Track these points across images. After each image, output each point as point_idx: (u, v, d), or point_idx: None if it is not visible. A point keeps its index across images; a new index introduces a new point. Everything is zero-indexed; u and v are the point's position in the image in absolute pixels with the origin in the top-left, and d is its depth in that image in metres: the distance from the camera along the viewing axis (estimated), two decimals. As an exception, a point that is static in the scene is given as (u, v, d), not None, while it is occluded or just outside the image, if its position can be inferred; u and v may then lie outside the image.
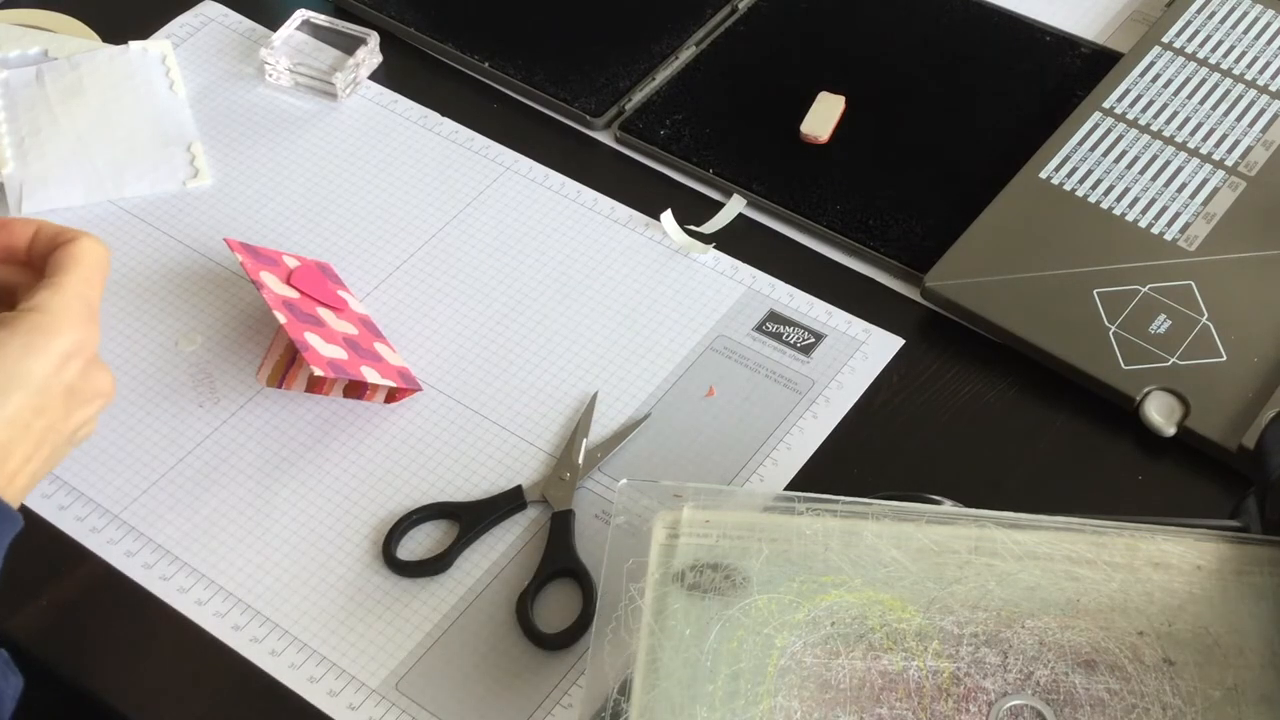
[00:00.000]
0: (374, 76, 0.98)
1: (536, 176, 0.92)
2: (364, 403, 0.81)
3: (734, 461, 0.78)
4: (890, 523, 0.64)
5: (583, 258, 0.88)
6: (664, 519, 0.65)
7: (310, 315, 0.80)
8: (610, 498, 0.77)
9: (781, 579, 0.63)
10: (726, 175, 0.91)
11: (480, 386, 0.82)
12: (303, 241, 0.89)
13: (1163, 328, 0.81)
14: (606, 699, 0.61)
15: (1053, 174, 0.88)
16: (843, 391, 0.81)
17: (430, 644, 0.72)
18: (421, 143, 0.94)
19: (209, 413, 0.81)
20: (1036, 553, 0.63)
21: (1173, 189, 0.87)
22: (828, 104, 0.94)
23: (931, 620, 0.62)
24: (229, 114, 0.96)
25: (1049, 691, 0.60)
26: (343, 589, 0.74)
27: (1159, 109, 0.92)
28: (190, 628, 0.73)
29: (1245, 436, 0.76)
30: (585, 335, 0.84)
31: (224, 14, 1.02)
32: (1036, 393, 0.81)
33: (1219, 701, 0.59)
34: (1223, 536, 0.65)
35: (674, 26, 1.00)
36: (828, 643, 0.61)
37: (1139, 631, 0.62)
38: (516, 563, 0.75)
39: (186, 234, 0.90)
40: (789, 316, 0.85)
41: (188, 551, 0.76)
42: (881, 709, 0.59)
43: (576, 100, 0.96)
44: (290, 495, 0.78)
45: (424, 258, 0.88)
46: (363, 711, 0.70)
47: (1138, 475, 0.78)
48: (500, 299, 0.86)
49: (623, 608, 0.63)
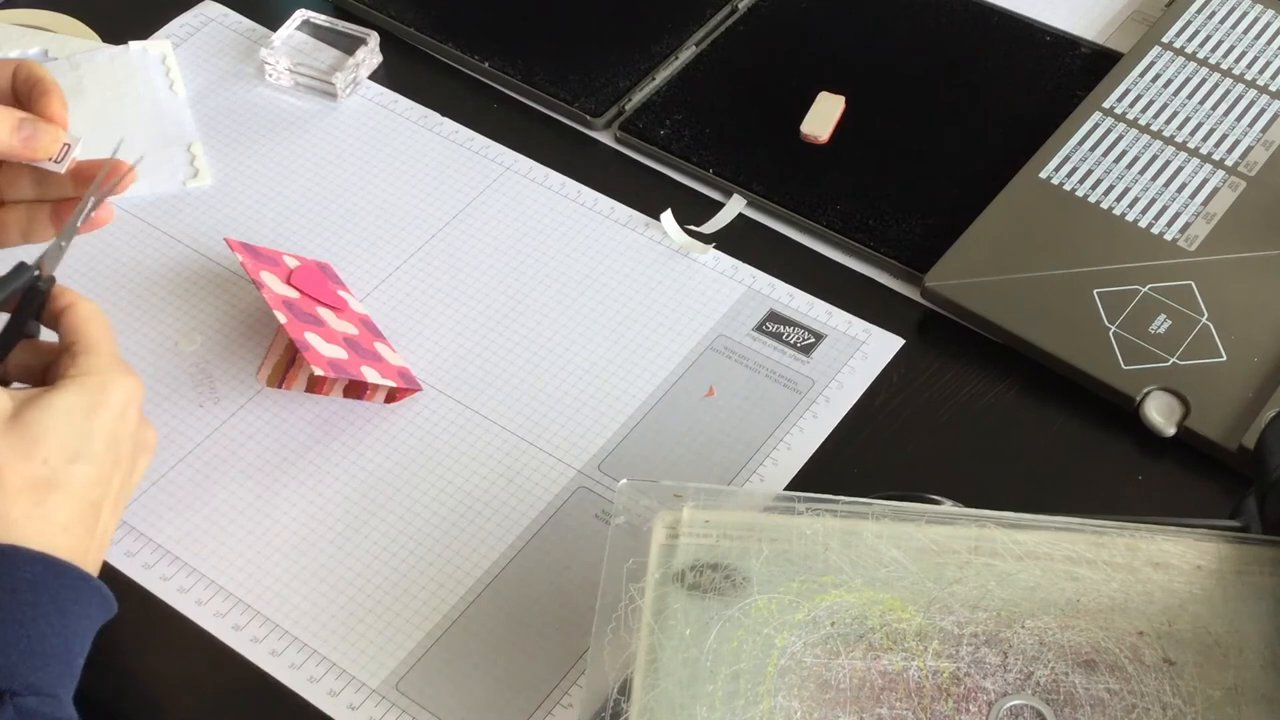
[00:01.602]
0: (374, 76, 0.98)
1: (536, 176, 0.92)
2: (364, 403, 0.81)
3: (734, 461, 0.78)
4: (890, 523, 0.64)
5: (583, 258, 0.88)
6: (664, 519, 0.65)
7: (310, 315, 0.80)
8: (610, 498, 0.77)
9: (781, 579, 0.63)
10: (726, 175, 0.91)
11: (480, 386, 0.82)
12: (303, 241, 0.89)
13: (1163, 328, 0.81)
14: (606, 699, 0.61)
15: (1053, 174, 0.88)
16: (843, 391, 0.81)
17: (430, 644, 0.72)
18: (421, 143, 0.94)
19: (209, 413, 0.81)
20: (1036, 553, 0.63)
21: (1173, 189, 0.87)
22: (828, 104, 0.94)
23: (931, 620, 0.62)
24: (229, 114, 0.96)
25: (1049, 691, 0.60)
26: (343, 589, 0.74)
27: (1159, 109, 0.92)
28: (190, 628, 0.73)
29: (1245, 436, 0.76)
30: (585, 335, 0.84)
31: (224, 14, 1.02)
32: (1036, 393, 0.81)
33: (1219, 701, 0.60)
34: (1223, 536, 0.65)
35: (674, 26, 1.00)
36: (828, 643, 0.61)
37: (1139, 631, 0.62)
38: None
39: (186, 234, 0.90)
40: (789, 316, 0.85)
41: (188, 551, 0.76)
42: (881, 709, 0.59)
43: (576, 100, 0.96)
44: (290, 495, 0.78)
45: (424, 258, 0.88)
46: (363, 711, 0.70)
47: (1138, 475, 0.78)
48: (500, 299, 0.86)
49: (623, 608, 0.63)
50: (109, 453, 0.63)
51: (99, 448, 0.62)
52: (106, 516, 0.63)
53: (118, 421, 0.63)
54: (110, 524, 0.64)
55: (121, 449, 0.64)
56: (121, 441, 0.64)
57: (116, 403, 0.63)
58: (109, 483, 0.63)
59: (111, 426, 0.63)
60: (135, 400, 0.65)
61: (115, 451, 0.63)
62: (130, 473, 0.65)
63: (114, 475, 0.63)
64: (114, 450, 0.63)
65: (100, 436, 0.62)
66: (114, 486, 0.63)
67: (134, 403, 0.65)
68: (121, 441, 0.64)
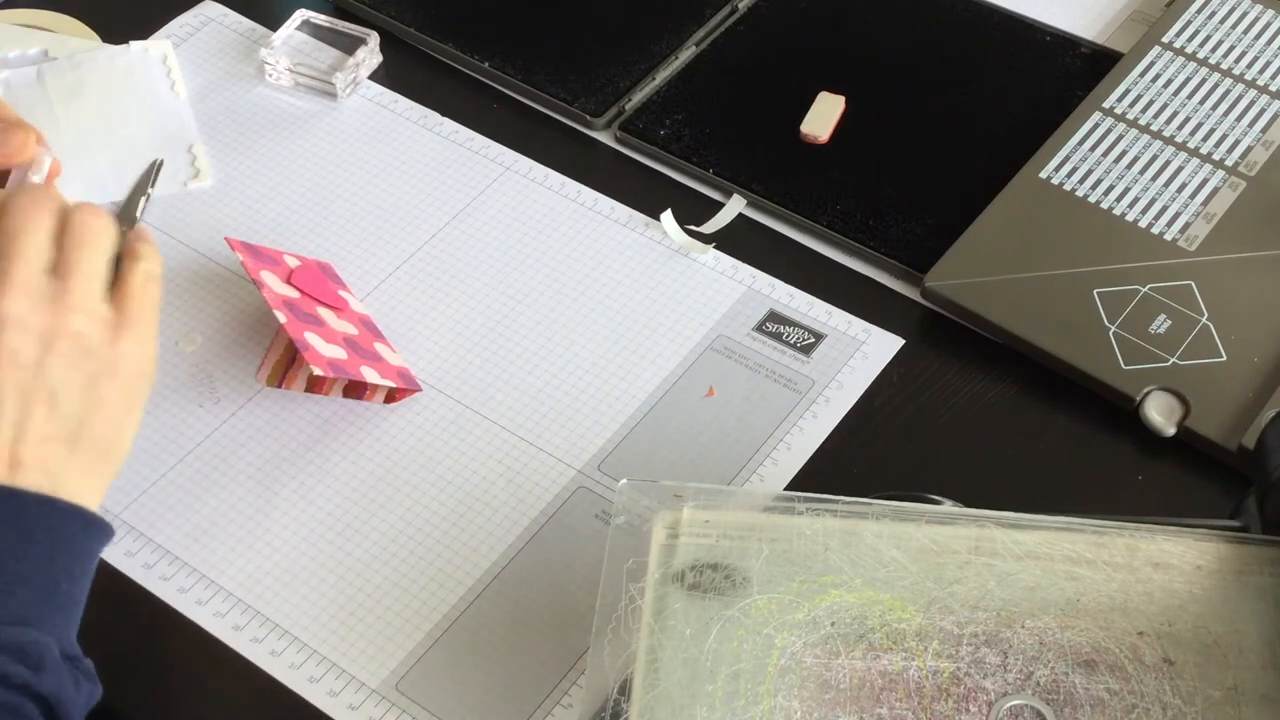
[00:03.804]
0: (374, 76, 0.98)
1: (536, 176, 0.92)
2: (364, 403, 0.81)
3: (734, 461, 0.78)
4: (890, 523, 0.64)
5: (583, 258, 0.88)
6: (664, 519, 0.65)
7: (310, 315, 0.80)
8: (610, 498, 0.77)
9: (781, 579, 0.63)
10: (726, 175, 0.91)
11: (480, 386, 0.82)
12: (303, 241, 0.89)
13: (1163, 328, 0.81)
14: (606, 699, 0.61)
15: (1053, 174, 0.88)
16: (843, 391, 0.81)
17: (430, 644, 0.72)
18: (421, 143, 0.94)
19: (209, 413, 0.81)
20: (1036, 553, 0.63)
21: (1173, 189, 0.87)
22: (828, 104, 0.94)
23: (931, 620, 0.62)
24: (229, 114, 0.96)
25: (1049, 691, 0.60)
26: (343, 589, 0.74)
27: (1159, 109, 0.92)
28: (191, 628, 0.73)
29: (1245, 436, 0.76)
30: (585, 335, 0.84)
31: (224, 14, 1.02)
32: (1036, 393, 0.81)
33: (1219, 701, 0.60)
34: (1223, 536, 0.65)
35: (674, 26, 1.00)
36: (828, 643, 0.61)
37: (1139, 631, 0.62)
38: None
39: (186, 234, 0.90)
40: (789, 316, 0.85)
41: (188, 551, 0.76)
42: (881, 709, 0.59)
43: (576, 100, 0.96)
44: (290, 495, 0.78)
45: (424, 258, 0.88)
46: (363, 711, 0.70)
47: (1138, 475, 0.78)
48: (500, 299, 0.86)
49: (623, 608, 0.63)
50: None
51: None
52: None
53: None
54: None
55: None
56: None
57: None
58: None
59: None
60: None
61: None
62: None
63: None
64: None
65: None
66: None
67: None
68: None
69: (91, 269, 0.66)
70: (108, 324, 0.66)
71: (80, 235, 0.66)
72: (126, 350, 0.66)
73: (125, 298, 0.67)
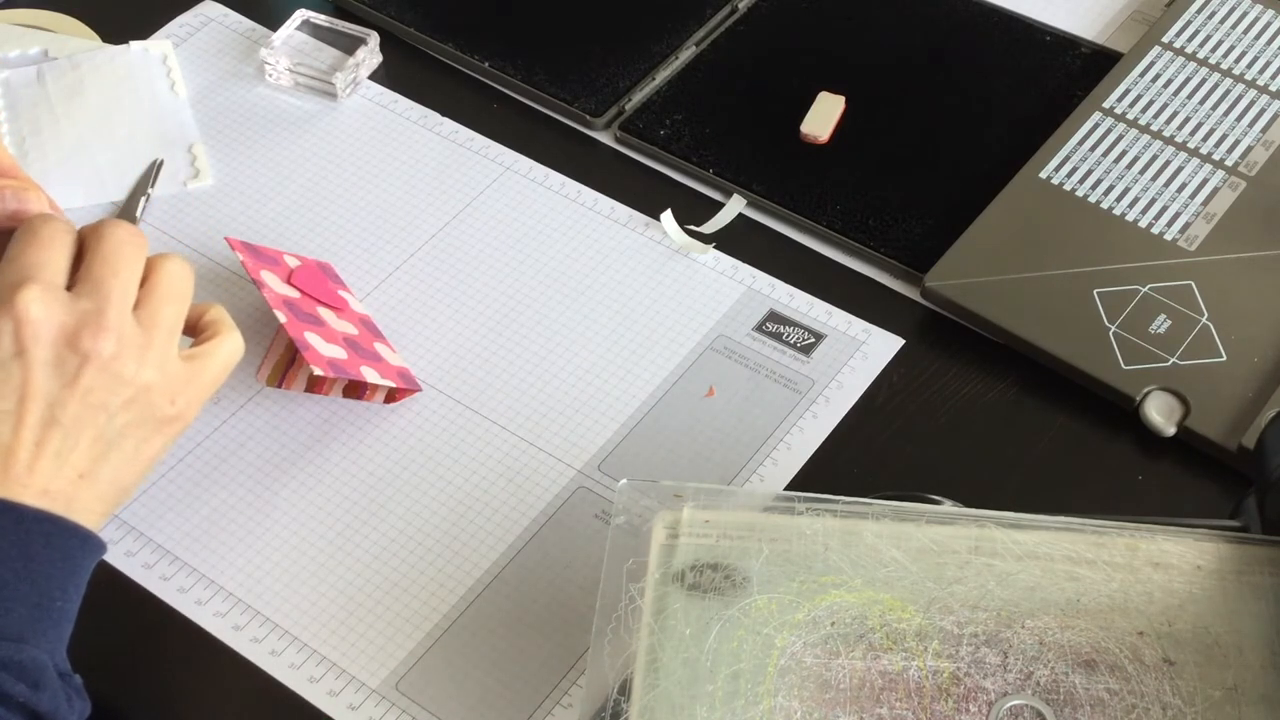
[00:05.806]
0: (374, 76, 0.98)
1: (536, 176, 0.92)
2: (364, 403, 0.81)
3: (734, 461, 0.78)
4: (890, 523, 0.64)
5: (582, 258, 0.88)
6: (664, 519, 0.65)
7: (310, 315, 0.80)
8: (610, 498, 0.77)
9: (781, 579, 0.63)
10: (726, 175, 0.91)
11: (480, 386, 0.82)
12: (303, 241, 0.89)
13: (1163, 328, 0.81)
14: (606, 699, 0.61)
15: (1053, 174, 0.88)
16: (843, 391, 0.81)
17: (430, 644, 0.72)
18: (421, 143, 0.94)
19: (209, 413, 0.81)
20: (1036, 553, 0.63)
21: (1173, 189, 0.87)
22: (828, 104, 0.94)
23: (931, 620, 0.62)
24: (229, 114, 0.96)
25: (1049, 691, 0.60)
26: (343, 589, 0.74)
27: (1159, 109, 0.92)
28: (191, 628, 0.73)
29: (1245, 436, 0.76)
30: (585, 335, 0.84)
31: (224, 14, 1.02)
32: (1036, 393, 0.81)
33: (1219, 701, 0.60)
34: (1223, 536, 0.65)
35: (674, 26, 1.00)
36: (828, 643, 0.61)
37: (1139, 631, 0.62)
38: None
39: (186, 234, 0.90)
40: (789, 316, 0.85)
41: (188, 551, 0.76)
42: (881, 709, 0.59)
43: (576, 100, 0.96)
44: (290, 495, 0.78)
45: (424, 258, 0.88)
46: (363, 711, 0.70)
47: (1138, 475, 0.78)
48: (500, 299, 0.86)
49: (623, 608, 0.63)
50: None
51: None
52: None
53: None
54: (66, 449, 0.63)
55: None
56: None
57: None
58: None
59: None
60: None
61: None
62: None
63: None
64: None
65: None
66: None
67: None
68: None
69: (174, 326, 0.66)
70: (178, 381, 0.66)
71: (168, 289, 0.66)
72: (182, 414, 0.67)
73: (205, 360, 0.68)
